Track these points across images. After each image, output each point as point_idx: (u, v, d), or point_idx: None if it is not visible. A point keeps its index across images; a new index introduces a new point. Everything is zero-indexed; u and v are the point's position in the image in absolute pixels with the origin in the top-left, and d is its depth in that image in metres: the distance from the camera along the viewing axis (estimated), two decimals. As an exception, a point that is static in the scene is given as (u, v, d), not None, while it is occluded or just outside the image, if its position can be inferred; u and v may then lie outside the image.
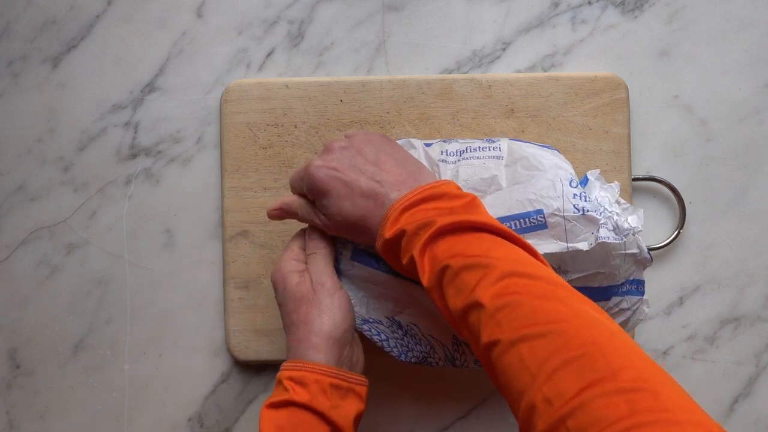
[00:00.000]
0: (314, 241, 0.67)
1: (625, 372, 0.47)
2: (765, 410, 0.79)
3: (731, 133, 0.79)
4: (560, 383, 0.48)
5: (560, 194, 0.64)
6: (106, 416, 0.79)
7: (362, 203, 0.62)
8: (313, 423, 0.61)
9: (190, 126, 0.79)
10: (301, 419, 0.60)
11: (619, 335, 0.50)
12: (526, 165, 0.67)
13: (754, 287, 0.79)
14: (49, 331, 0.80)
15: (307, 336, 0.63)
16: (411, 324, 0.69)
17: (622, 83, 0.77)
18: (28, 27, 0.80)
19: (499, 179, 0.67)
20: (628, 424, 0.44)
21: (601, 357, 0.48)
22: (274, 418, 0.61)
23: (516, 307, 0.52)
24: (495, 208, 0.65)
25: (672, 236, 0.78)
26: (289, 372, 0.62)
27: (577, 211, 0.64)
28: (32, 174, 0.80)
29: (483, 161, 0.69)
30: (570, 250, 0.64)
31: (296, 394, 0.61)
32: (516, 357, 0.50)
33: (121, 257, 0.79)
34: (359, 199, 0.63)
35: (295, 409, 0.61)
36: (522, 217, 0.65)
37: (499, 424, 0.78)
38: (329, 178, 0.63)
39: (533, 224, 0.64)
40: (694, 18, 0.79)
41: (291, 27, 0.80)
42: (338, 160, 0.64)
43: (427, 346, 0.69)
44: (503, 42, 0.80)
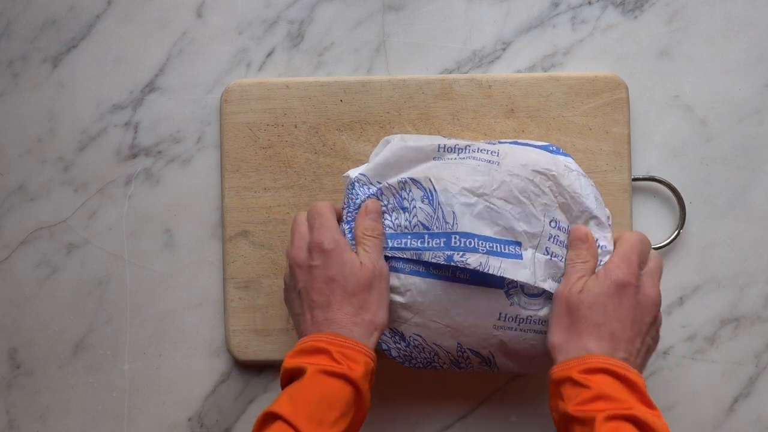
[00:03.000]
0: (374, 223, 0.69)
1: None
2: (765, 410, 0.79)
3: (731, 133, 0.79)
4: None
5: (540, 232, 0.68)
6: (106, 416, 0.79)
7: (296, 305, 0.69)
8: (351, 402, 0.62)
9: (190, 126, 0.79)
10: (346, 395, 0.62)
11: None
12: (520, 189, 0.68)
13: (754, 287, 0.79)
14: (49, 331, 0.80)
15: (365, 323, 0.65)
16: (414, 335, 0.70)
17: (622, 83, 0.77)
18: (28, 27, 0.80)
19: (490, 185, 0.68)
20: None
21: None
22: (327, 385, 0.62)
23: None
24: (480, 220, 0.67)
25: (672, 236, 0.78)
26: (338, 347, 0.63)
27: (546, 255, 0.68)
28: (32, 174, 0.80)
29: (478, 163, 0.69)
30: (538, 286, 0.67)
31: (351, 370, 0.62)
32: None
33: (121, 257, 0.79)
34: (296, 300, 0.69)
35: (345, 384, 0.62)
36: (502, 243, 0.67)
37: (499, 424, 0.78)
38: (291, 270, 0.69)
39: (510, 253, 0.67)
40: (694, 18, 0.79)
41: (291, 27, 0.80)
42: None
43: (432, 353, 0.70)
44: (503, 42, 0.79)
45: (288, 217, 0.77)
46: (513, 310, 0.68)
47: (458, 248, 0.67)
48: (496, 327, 0.68)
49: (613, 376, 0.61)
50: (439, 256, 0.67)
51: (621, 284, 0.64)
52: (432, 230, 0.68)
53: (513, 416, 0.79)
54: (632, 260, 0.66)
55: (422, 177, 0.69)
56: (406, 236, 0.69)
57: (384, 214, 0.70)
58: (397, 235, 0.69)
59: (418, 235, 0.68)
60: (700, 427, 0.78)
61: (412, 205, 0.69)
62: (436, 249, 0.67)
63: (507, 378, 0.78)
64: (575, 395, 0.60)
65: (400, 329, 0.69)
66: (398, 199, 0.69)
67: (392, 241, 0.69)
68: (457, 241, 0.67)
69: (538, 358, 0.70)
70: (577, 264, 0.68)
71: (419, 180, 0.69)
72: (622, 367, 0.62)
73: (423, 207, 0.68)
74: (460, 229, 0.67)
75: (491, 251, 0.67)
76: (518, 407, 0.79)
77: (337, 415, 0.61)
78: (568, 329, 0.65)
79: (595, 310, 0.64)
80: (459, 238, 0.67)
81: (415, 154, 0.70)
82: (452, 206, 0.67)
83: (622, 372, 0.61)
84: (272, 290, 0.77)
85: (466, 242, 0.67)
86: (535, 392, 0.78)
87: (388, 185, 0.70)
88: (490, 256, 0.67)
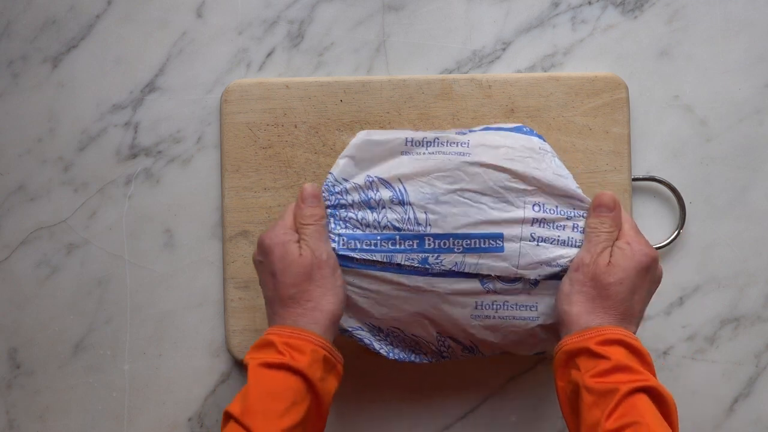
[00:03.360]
0: (311, 209, 0.68)
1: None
2: (765, 410, 0.79)
3: (731, 133, 0.79)
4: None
5: (522, 218, 0.67)
6: (106, 416, 0.79)
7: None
8: (301, 391, 0.61)
9: (190, 126, 0.79)
10: (292, 385, 0.61)
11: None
12: (495, 179, 0.67)
13: (754, 287, 0.79)
14: (49, 331, 0.80)
15: (310, 312, 0.64)
16: (392, 328, 0.70)
17: (622, 83, 0.77)
18: (28, 27, 0.80)
19: (462, 179, 0.68)
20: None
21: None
22: (268, 377, 0.61)
23: None
24: (457, 216, 0.67)
25: (672, 236, 0.78)
26: (285, 338, 0.63)
27: (533, 241, 0.67)
28: (32, 174, 0.80)
29: (448, 157, 0.68)
30: (519, 275, 0.67)
31: (294, 360, 0.61)
32: None
33: (121, 257, 0.79)
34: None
35: (289, 375, 0.61)
36: (481, 238, 0.67)
37: (499, 424, 0.78)
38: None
39: (490, 246, 0.67)
40: (694, 18, 0.79)
41: (291, 27, 0.80)
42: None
43: (412, 343, 0.71)
44: (503, 42, 0.79)
45: (288, 217, 0.77)
46: (489, 297, 0.68)
47: (433, 250, 0.67)
48: (474, 317, 0.68)
49: (628, 348, 0.61)
50: (412, 258, 0.67)
51: (650, 261, 0.65)
52: (403, 231, 0.67)
53: (513, 416, 0.79)
54: (642, 235, 0.66)
55: (391, 177, 0.68)
56: (375, 237, 0.67)
57: (349, 210, 0.68)
58: (366, 236, 0.68)
59: (388, 237, 0.67)
60: (700, 427, 0.78)
61: (380, 204, 0.68)
62: (409, 251, 0.67)
63: (507, 378, 0.78)
64: (593, 366, 0.60)
65: (377, 324, 0.70)
66: (364, 196, 0.68)
67: (361, 242, 0.67)
68: (431, 243, 0.67)
69: (525, 340, 0.70)
70: (602, 233, 0.66)
71: (388, 180, 0.68)
72: (635, 339, 0.62)
73: (393, 207, 0.68)
74: (433, 230, 0.67)
75: (468, 248, 0.66)
76: (518, 407, 0.79)
77: (286, 405, 0.60)
78: (592, 300, 0.64)
79: (626, 286, 0.64)
80: (433, 239, 0.67)
81: (380, 150, 0.69)
82: (424, 206, 0.67)
83: (635, 344, 0.62)
84: (272, 290, 0.77)
85: (440, 243, 0.67)
86: (535, 392, 0.78)
87: (354, 184, 0.69)
88: (466, 254, 0.66)
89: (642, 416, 0.57)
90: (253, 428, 0.59)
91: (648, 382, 0.59)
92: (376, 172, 0.69)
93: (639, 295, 0.65)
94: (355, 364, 0.77)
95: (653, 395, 0.59)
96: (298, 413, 0.60)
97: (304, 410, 0.61)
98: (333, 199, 0.69)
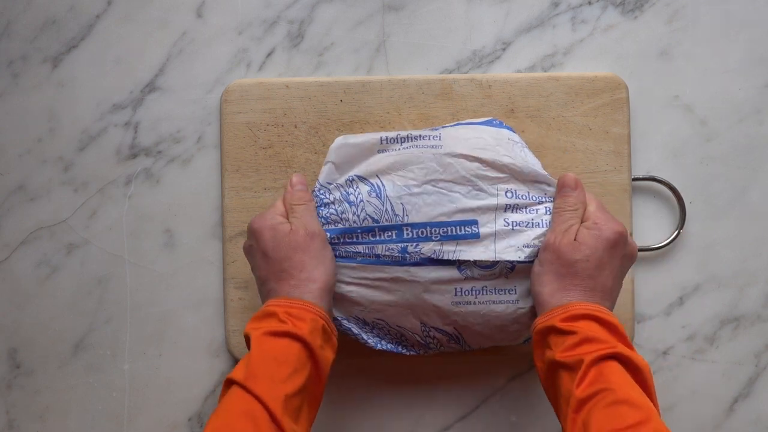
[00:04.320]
0: (300, 193, 0.70)
1: None
2: (765, 410, 0.79)
3: (731, 133, 0.79)
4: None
5: (495, 205, 0.69)
6: (106, 416, 0.79)
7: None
8: (302, 358, 0.62)
9: (190, 126, 0.79)
10: (295, 351, 0.62)
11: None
12: (467, 168, 0.69)
13: (754, 287, 0.79)
14: (49, 331, 0.80)
15: (304, 283, 0.66)
16: (376, 320, 0.71)
17: (622, 83, 0.77)
18: (28, 27, 0.80)
19: (435, 170, 0.69)
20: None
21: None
22: (271, 344, 0.62)
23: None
24: (432, 206, 0.69)
25: (672, 236, 0.78)
26: (285, 308, 0.64)
27: (507, 225, 0.69)
28: (32, 174, 0.80)
29: (421, 150, 0.70)
30: (496, 260, 0.68)
31: (296, 327, 0.62)
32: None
33: (121, 257, 0.79)
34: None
35: (293, 341, 0.62)
36: (457, 225, 0.69)
37: (499, 424, 0.78)
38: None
39: (467, 233, 0.69)
40: (694, 18, 0.79)
41: (291, 27, 0.80)
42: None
43: (398, 335, 0.72)
44: (503, 42, 0.80)
45: (288, 217, 0.77)
46: (468, 284, 0.69)
47: (411, 239, 0.69)
48: (455, 303, 0.69)
49: (595, 321, 0.62)
50: (392, 248, 0.69)
51: (617, 238, 0.65)
52: (381, 223, 0.69)
53: (513, 416, 0.79)
54: (609, 213, 0.68)
55: (368, 172, 0.70)
56: (356, 230, 0.69)
57: (330, 207, 0.70)
58: (346, 229, 0.69)
59: (367, 229, 0.69)
60: (700, 427, 0.78)
61: (359, 199, 0.70)
62: (388, 241, 0.69)
63: (507, 378, 0.78)
64: (561, 342, 0.61)
65: (361, 316, 0.71)
66: (344, 193, 0.70)
67: (342, 236, 0.69)
68: (409, 233, 0.69)
69: (509, 326, 0.70)
70: (566, 212, 0.68)
71: (365, 176, 0.70)
72: (604, 312, 0.63)
73: (371, 200, 0.70)
74: (411, 220, 0.69)
75: (445, 236, 0.68)
76: (518, 407, 0.79)
77: (289, 371, 0.61)
78: (562, 278, 0.65)
79: (592, 263, 0.64)
80: (411, 229, 0.69)
81: (358, 151, 0.71)
82: (401, 198, 0.69)
83: (603, 316, 0.62)
84: (272, 290, 0.77)
85: (418, 232, 0.69)
86: (535, 392, 0.78)
87: (337, 184, 0.71)
88: (444, 242, 0.68)
89: (609, 382, 0.58)
90: (257, 392, 0.59)
91: (615, 349, 0.60)
92: (354, 171, 0.71)
93: (609, 271, 0.65)
94: (355, 364, 0.77)
95: (624, 361, 0.60)
96: (300, 379, 0.61)
97: (305, 377, 0.62)
98: (318, 201, 0.71)
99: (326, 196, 0.71)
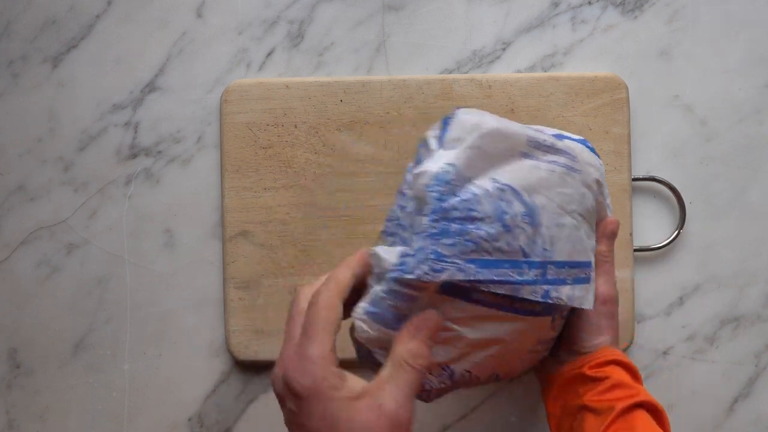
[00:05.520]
0: (422, 348, 0.48)
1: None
2: (765, 410, 0.79)
3: (731, 133, 0.79)
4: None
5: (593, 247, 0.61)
6: (106, 416, 0.79)
7: None
8: None
9: (190, 126, 0.79)
10: None
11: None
12: (591, 202, 0.60)
13: (754, 287, 0.79)
14: (49, 331, 0.80)
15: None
16: (465, 371, 0.57)
17: (622, 83, 0.77)
18: (28, 27, 0.80)
19: (575, 199, 0.57)
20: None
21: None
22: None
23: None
24: (569, 242, 0.56)
25: (672, 236, 0.78)
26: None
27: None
28: (32, 174, 0.80)
29: (568, 172, 0.57)
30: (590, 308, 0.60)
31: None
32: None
33: (121, 257, 0.79)
34: None
35: None
36: (581, 267, 0.58)
37: (499, 424, 0.78)
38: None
39: (584, 277, 0.58)
40: (694, 18, 0.79)
41: (291, 27, 0.80)
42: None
43: (466, 386, 0.59)
44: (503, 42, 0.80)
45: (288, 217, 0.77)
46: (549, 333, 0.60)
47: (553, 281, 0.54)
48: (529, 351, 0.60)
49: (621, 366, 0.62)
50: (536, 291, 0.54)
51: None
52: (531, 258, 0.53)
53: (513, 416, 0.79)
54: None
55: (522, 185, 0.54)
56: (503, 265, 0.52)
57: (477, 223, 0.52)
58: (493, 262, 0.52)
59: (516, 264, 0.53)
60: (700, 427, 0.78)
61: (514, 222, 0.53)
62: (532, 283, 0.53)
63: (507, 378, 0.79)
64: (591, 388, 0.61)
65: (451, 366, 0.56)
66: (498, 209, 0.52)
67: (488, 271, 0.52)
68: (552, 273, 0.55)
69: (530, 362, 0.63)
70: (611, 259, 0.65)
71: (519, 190, 0.53)
72: (626, 356, 0.64)
73: (523, 227, 0.53)
74: (556, 257, 0.55)
75: (576, 279, 0.56)
76: (518, 407, 0.79)
77: None
78: (611, 328, 0.64)
79: (617, 306, 0.65)
80: (554, 268, 0.55)
81: (506, 147, 0.54)
82: (550, 228, 0.55)
83: (627, 361, 0.63)
84: (272, 290, 0.77)
85: (559, 272, 0.55)
86: (535, 392, 0.78)
87: (485, 190, 0.52)
88: (574, 286, 0.56)
89: (635, 428, 0.58)
90: None
91: (641, 397, 0.60)
92: (503, 177, 0.53)
93: (617, 311, 0.66)
94: (355, 364, 0.77)
95: (650, 409, 0.60)
96: None
97: None
98: (462, 208, 0.51)
99: (475, 207, 0.52)
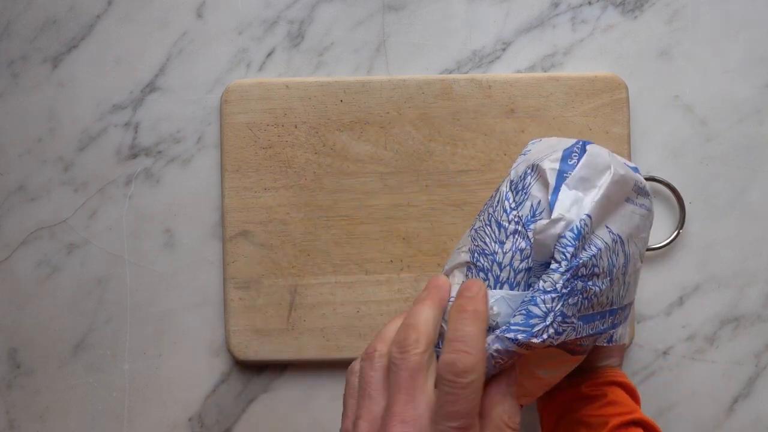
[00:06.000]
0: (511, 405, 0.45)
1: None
2: (765, 410, 0.79)
3: (731, 133, 0.79)
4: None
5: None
6: (106, 416, 0.79)
7: None
8: None
9: (190, 126, 0.79)
10: None
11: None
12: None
13: (754, 287, 0.79)
14: (49, 331, 0.80)
15: None
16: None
17: (622, 83, 0.77)
18: (28, 27, 0.80)
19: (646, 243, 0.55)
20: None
21: None
22: None
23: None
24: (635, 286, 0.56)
25: (672, 236, 0.78)
26: None
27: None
28: (32, 174, 0.80)
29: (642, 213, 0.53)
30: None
31: None
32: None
33: (121, 257, 0.79)
34: None
35: None
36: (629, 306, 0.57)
37: (499, 424, 0.78)
38: None
39: (627, 315, 0.57)
40: (694, 18, 0.79)
41: (291, 27, 0.80)
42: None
43: None
44: (503, 42, 0.80)
45: (288, 217, 0.77)
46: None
47: (617, 325, 0.53)
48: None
49: (620, 386, 0.63)
50: (606, 337, 0.52)
51: None
52: (614, 307, 0.51)
53: (513, 416, 0.78)
54: None
55: (626, 236, 0.51)
56: (596, 317, 0.50)
57: (594, 279, 0.48)
58: (588, 317, 0.49)
59: (603, 315, 0.50)
60: (700, 427, 0.78)
61: (617, 274, 0.50)
62: (606, 330, 0.52)
63: (507, 378, 0.79)
64: (585, 404, 0.62)
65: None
66: (610, 263, 0.49)
67: (587, 326, 0.49)
68: (618, 318, 0.53)
69: None
70: None
71: (625, 241, 0.50)
72: (625, 376, 0.64)
73: (620, 278, 0.51)
74: (625, 301, 0.53)
75: (625, 318, 0.55)
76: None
77: None
78: (619, 350, 0.65)
79: None
80: (619, 312, 0.53)
81: (622, 192, 0.51)
82: (631, 275, 0.53)
83: (627, 382, 0.63)
84: (272, 290, 0.77)
85: (621, 315, 0.53)
86: (535, 392, 0.78)
87: (606, 243, 0.49)
88: (624, 324, 0.55)
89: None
90: None
91: (636, 415, 0.60)
92: (614, 226, 0.50)
93: None
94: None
95: (645, 427, 0.60)
96: None
97: None
98: (584, 261, 0.47)
99: (598, 263, 0.48)
